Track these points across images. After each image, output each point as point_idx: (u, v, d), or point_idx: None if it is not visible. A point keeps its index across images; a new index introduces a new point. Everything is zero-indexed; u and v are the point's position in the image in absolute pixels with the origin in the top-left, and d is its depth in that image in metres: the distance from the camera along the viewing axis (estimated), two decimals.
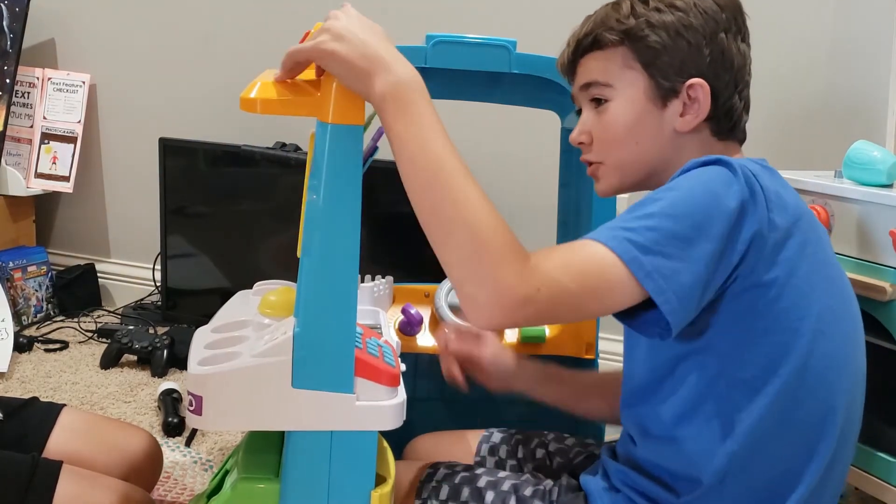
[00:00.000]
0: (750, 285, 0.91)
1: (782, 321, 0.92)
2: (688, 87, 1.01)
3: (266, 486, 1.02)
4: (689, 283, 0.86)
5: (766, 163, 1.03)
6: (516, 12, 2.32)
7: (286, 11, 2.49)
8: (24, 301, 2.57)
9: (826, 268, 0.98)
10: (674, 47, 1.00)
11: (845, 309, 1.01)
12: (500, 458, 1.31)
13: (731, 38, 1.02)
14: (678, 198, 0.89)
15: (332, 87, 0.91)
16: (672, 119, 1.02)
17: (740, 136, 1.07)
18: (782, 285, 0.91)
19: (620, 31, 1.02)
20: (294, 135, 2.34)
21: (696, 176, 0.91)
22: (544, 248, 0.89)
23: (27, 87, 2.67)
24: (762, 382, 0.93)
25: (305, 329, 0.93)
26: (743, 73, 1.04)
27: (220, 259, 2.53)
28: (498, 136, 2.37)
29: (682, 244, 0.86)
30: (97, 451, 1.32)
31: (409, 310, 1.46)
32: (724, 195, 0.89)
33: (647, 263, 0.85)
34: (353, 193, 0.93)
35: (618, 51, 1.03)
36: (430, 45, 1.34)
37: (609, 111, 1.04)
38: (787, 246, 0.92)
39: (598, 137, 1.06)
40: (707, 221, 0.87)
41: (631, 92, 1.03)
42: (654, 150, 1.04)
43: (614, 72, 1.03)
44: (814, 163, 2.01)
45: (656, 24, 1.01)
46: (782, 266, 0.91)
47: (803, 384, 0.93)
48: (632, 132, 1.03)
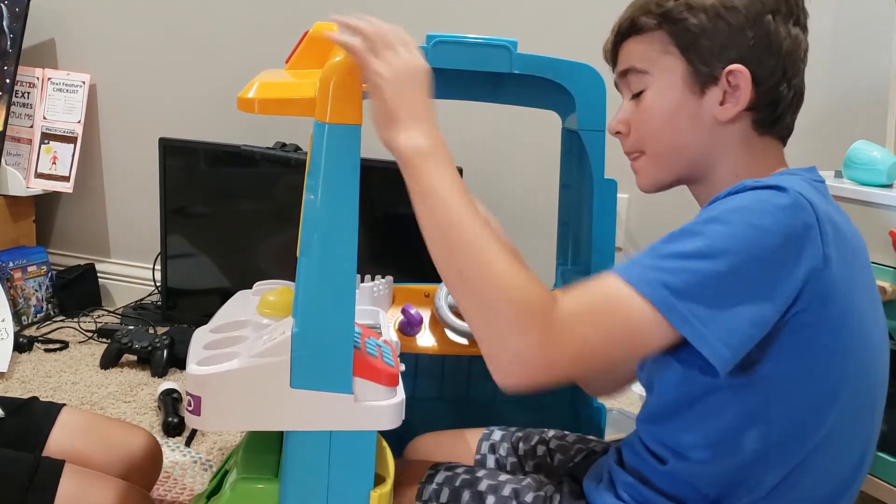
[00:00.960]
0: (804, 324, 0.86)
1: (836, 360, 0.88)
2: (727, 73, 0.95)
3: (265, 486, 1.02)
4: (734, 328, 0.82)
5: (816, 173, 0.98)
6: (517, 12, 2.32)
7: (286, 11, 2.49)
8: (24, 301, 2.57)
9: (866, 294, 0.94)
10: (713, 30, 0.95)
11: (883, 337, 0.97)
12: (500, 456, 1.31)
13: (780, 20, 0.95)
14: (722, 234, 0.83)
15: (329, 87, 0.91)
16: (711, 107, 0.97)
17: (784, 131, 1.01)
18: (839, 324, 0.87)
19: (658, 13, 0.97)
20: (294, 135, 2.34)
21: (742, 207, 0.84)
22: (569, 293, 0.85)
23: (27, 87, 2.67)
24: (810, 426, 0.89)
25: (304, 329, 0.93)
26: (794, 59, 0.97)
27: (220, 259, 2.53)
28: (498, 136, 2.37)
29: (727, 286, 0.82)
30: (97, 450, 1.32)
31: (408, 310, 1.46)
32: (774, 231, 0.83)
33: (682, 309, 0.81)
34: (351, 193, 0.92)
35: (656, 35, 0.98)
36: (430, 45, 1.34)
37: (646, 99, 1.00)
38: (844, 280, 0.87)
39: (636, 127, 1.02)
40: (755, 262, 0.82)
41: (668, 78, 0.98)
42: (693, 140, 0.99)
43: (652, 57, 0.99)
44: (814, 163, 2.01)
45: (696, 5, 0.95)
46: (839, 303, 0.87)
47: (847, 423, 0.91)
48: (669, 121, 0.99)
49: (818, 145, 2.12)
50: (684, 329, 0.82)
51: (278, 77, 1.01)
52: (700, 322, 0.81)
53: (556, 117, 1.49)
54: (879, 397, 0.97)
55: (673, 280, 0.82)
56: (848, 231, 0.92)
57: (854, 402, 0.91)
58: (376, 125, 0.91)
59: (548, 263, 1.65)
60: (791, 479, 0.91)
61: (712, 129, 0.98)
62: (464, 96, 1.48)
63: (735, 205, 0.85)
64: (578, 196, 1.50)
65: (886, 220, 1.43)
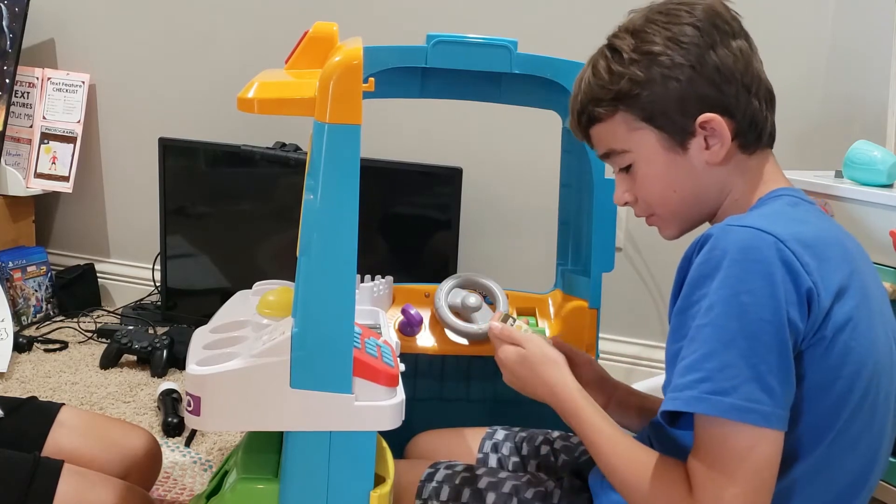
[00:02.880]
0: (807, 349, 0.89)
1: (839, 373, 0.90)
2: (699, 123, 0.97)
3: (265, 486, 1.02)
4: (783, 388, 0.86)
5: (803, 196, 1.01)
6: (517, 12, 2.32)
7: (286, 11, 2.49)
8: (24, 301, 2.57)
9: (871, 307, 0.95)
10: (667, 93, 0.97)
11: (890, 348, 0.98)
12: (502, 456, 1.31)
13: (720, 48, 0.97)
14: (723, 316, 0.86)
15: (329, 87, 0.90)
16: (699, 156, 0.99)
17: (769, 140, 1.02)
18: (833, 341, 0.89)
19: (610, 99, 1.00)
20: (294, 135, 2.34)
21: (727, 279, 0.86)
22: (690, 470, 0.89)
23: (27, 87, 2.67)
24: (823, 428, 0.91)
25: (303, 329, 0.93)
26: (750, 71, 0.99)
27: (220, 259, 2.53)
28: (498, 136, 2.37)
29: (756, 360, 0.85)
30: (96, 449, 1.33)
31: (408, 310, 1.45)
32: (766, 288, 0.85)
33: (740, 403, 0.84)
34: (350, 193, 0.92)
35: (617, 117, 1.01)
36: (430, 45, 1.34)
37: (638, 172, 1.03)
38: (836, 302, 0.89)
39: (640, 196, 1.05)
40: (766, 324, 0.85)
41: (648, 149, 1.00)
42: (696, 189, 1.01)
43: (624, 137, 1.01)
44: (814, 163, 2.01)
45: (640, 79, 0.97)
46: (831, 324, 0.88)
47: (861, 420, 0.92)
48: (666, 184, 1.01)
49: (818, 145, 2.12)
50: (752, 419, 0.84)
51: (278, 77, 1.01)
52: (760, 403, 0.84)
53: (556, 117, 1.49)
54: (888, 420, 0.97)
55: (718, 385, 0.85)
56: (834, 244, 0.94)
57: (865, 401, 0.92)
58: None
59: (548, 263, 1.65)
60: (806, 476, 0.91)
61: (709, 173, 1.00)
62: (464, 96, 1.48)
63: (720, 280, 0.87)
64: (578, 196, 1.50)
65: (886, 220, 1.43)
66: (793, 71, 2.15)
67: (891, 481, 1.47)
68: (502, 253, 2.41)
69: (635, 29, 1.00)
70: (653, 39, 0.97)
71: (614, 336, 2.32)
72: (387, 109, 1.69)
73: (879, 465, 0.98)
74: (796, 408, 0.89)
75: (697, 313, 0.88)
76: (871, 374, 0.92)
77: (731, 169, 1.01)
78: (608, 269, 1.45)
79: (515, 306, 1.52)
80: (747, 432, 0.85)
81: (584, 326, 1.48)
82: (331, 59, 0.93)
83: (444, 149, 2.33)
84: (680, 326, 0.90)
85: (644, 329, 2.31)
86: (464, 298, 1.47)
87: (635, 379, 2.29)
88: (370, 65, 1.08)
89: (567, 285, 1.52)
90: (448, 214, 2.24)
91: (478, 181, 2.31)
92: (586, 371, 1.21)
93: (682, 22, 0.98)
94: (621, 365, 2.35)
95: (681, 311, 0.90)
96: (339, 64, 0.91)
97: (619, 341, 2.34)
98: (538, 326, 1.20)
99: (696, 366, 0.86)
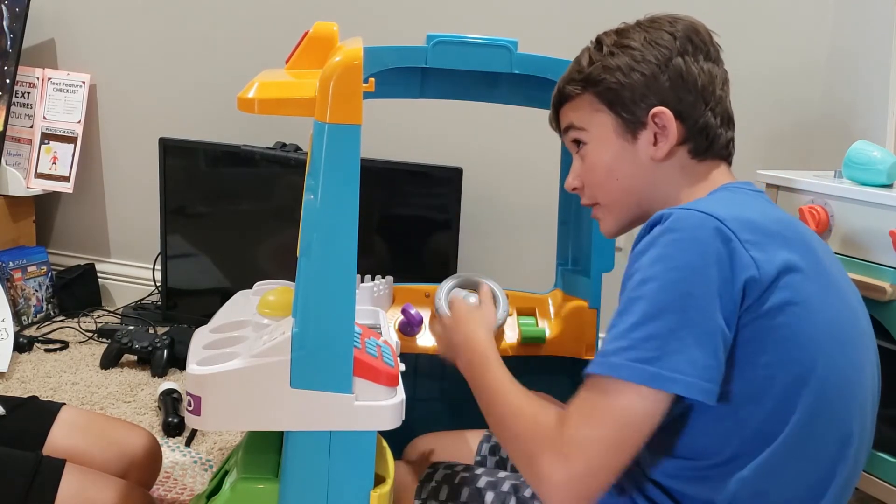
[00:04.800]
0: (753, 320, 0.90)
1: (788, 351, 0.91)
2: (652, 115, 1.04)
3: (265, 486, 1.03)
4: (709, 364, 0.87)
5: (752, 187, 1.05)
6: (517, 12, 2.32)
7: (286, 11, 2.49)
8: (25, 301, 2.57)
9: (828, 289, 0.96)
10: (630, 83, 1.05)
11: (855, 328, 0.99)
12: (501, 458, 1.31)
13: (690, 59, 1.05)
14: (656, 290, 0.89)
15: (329, 87, 0.91)
16: (646, 149, 1.06)
17: (723, 152, 1.08)
18: (780, 314, 0.90)
19: (580, 80, 1.09)
20: (294, 135, 2.35)
21: (661, 257, 0.90)
22: (568, 408, 0.91)
23: (27, 88, 2.67)
24: (776, 421, 0.91)
25: (304, 329, 0.93)
26: (711, 89, 1.06)
27: (220, 259, 2.53)
28: (498, 136, 2.37)
29: (683, 333, 0.87)
30: (96, 448, 1.33)
31: (409, 310, 1.46)
32: (698, 265, 0.89)
33: (664, 371, 0.86)
34: (350, 193, 0.92)
35: (584, 98, 1.09)
36: (430, 45, 1.34)
37: (588, 154, 1.11)
38: (783, 275, 0.91)
39: (586, 181, 1.12)
40: (696, 300, 0.88)
41: (602, 132, 1.08)
42: (638, 182, 1.08)
43: (585, 117, 1.10)
44: (814, 163, 2.01)
45: (611, 66, 1.06)
46: (779, 294, 0.90)
47: (817, 416, 0.92)
48: (611, 169, 1.09)
49: (818, 145, 2.12)
50: (673, 388, 0.87)
51: (278, 77, 1.01)
52: (681, 374, 0.86)
53: None
54: (856, 394, 0.97)
55: (643, 353, 0.87)
56: (784, 225, 0.97)
57: (812, 412, 0.92)
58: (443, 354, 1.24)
59: (548, 263, 1.66)
60: (756, 481, 0.91)
61: (653, 168, 1.07)
62: (464, 96, 1.48)
63: (655, 255, 0.91)
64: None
65: (886, 220, 1.43)
66: (793, 71, 2.16)
67: (891, 481, 1.47)
68: (502, 253, 2.42)
69: (621, 29, 1.10)
70: (632, 37, 1.07)
71: None
72: (387, 109, 1.69)
73: (855, 450, 0.97)
74: (755, 388, 0.91)
75: (631, 286, 0.92)
76: (832, 352, 0.93)
77: (677, 170, 1.06)
78: (608, 269, 1.45)
79: (515, 306, 1.52)
80: (640, 391, 0.87)
81: (584, 326, 1.48)
82: (331, 59, 0.93)
83: (444, 149, 2.33)
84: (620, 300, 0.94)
85: None
86: (464, 298, 1.47)
87: None
88: (370, 65, 1.08)
89: (567, 285, 1.52)
90: (448, 214, 2.24)
91: (478, 181, 2.32)
92: None
93: (662, 29, 1.07)
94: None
95: (623, 284, 0.94)
96: (340, 64, 0.91)
97: None
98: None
99: (624, 334, 0.89)
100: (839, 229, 1.52)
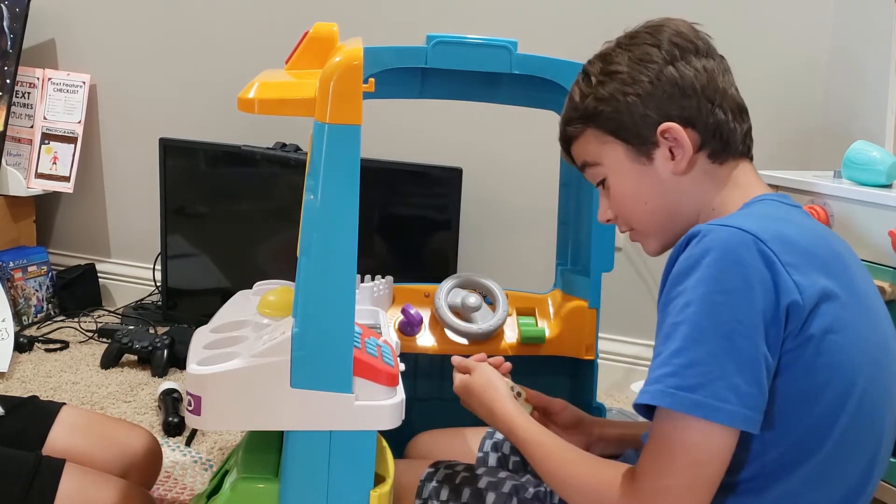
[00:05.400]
0: (793, 349, 0.89)
1: (827, 379, 0.90)
2: (661, 132, 1.02)
3: (265, 485, 1.03)
4: (752, 392, 0.86)
5: (788, 200, 1.02)
6: (517, 12, 2.32)
7: (286, 11, 2.50)
8: (25, 301, 2.57)
9: (864, 313, 0.95)
10: (628, 107, 1.03)
11: (886, 352, 0.97)
12: (503, 455, 1.31)
13: (681, 64, 1.03)
14: (697, 314, 0.87)
15: (329, 87, 0.91)
16: (665, 166, 1.03)
17: (741, 147, 1.05)
18: (821, 340, 0.89)
19: (578, 118, 1.08)
20: (294, 135, 2.35)
21: (704, 277, 0.88)
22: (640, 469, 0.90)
23: (27, 88, 2.67)
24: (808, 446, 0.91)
25: (304, 329, 0.93)
26: (713, 86, 1.03)
27: (220, 259, 2.53)
28: (498, 136, 2.37)
29: (725, 359, 0.85)
30: (97, 447, 1.33)
31: (408, 310, 1.46)
32: (743, 287, 0.87)
33: (707, 399, 0.85)
34: (350, 193, 0.92)
35: (588, 134, 1.08)
36: (430, 46, 1.34)
37: (611, 186, 1.08)
38: (822, 302, 0.89)
39: (616, 211, 1.10)
40: (739, 325, 0.86)
41: (616, 162, 1.06)
42: (665, 200, 1.05)
43: (596, 151, 1.08)
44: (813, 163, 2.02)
45: (604, 96, 1.04)
46: (819, 321, 0.89)
47: (849, 439, 0.91)
48: (637, 196, 1.06)
49: (818, 145, 2.13)
50: (716, 417, 0.85)
51: (278, 77, 1.01)
52: (724, 402, 0.85)
53: (555, 117, 1.49)
54: (885, 417, 0.96)
55: (684, 380, 0.86)
56: (820, 244, 0.95)
57: (853, 424, 0.91)
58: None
59: (548, 263, 1.66)
60: (807, 483, 0.91)
61: (677, 183, 1.04)
62: (464, 96, 1.48)
63: (698, 277, 0.89)
64: (578, 196, 1.50)
65: (885, 221, 1.44)
66: (793, 71, 2.16)
67: (891, 481, 1.47)
68: (502, 253, 2.42)
69: (604, 53, 1.08)
70: (617, 61, 1.05)
71: (614, 336, 2.32)
72: (387, 109, 1.69)
73: (879, 468, 0.97)
74: (788, 413, 0.89)
75: (674, 310, 0.89)
76: (868, 376, 0.92)
77: (701, 178, 1.04)
78: (608, 269, 1.45)
79: (515, 306, 1.52)
80: (699, 427, 0.86)
81: (583, 326, 1.48)
82: (331, 59, 0.93)
83: (444, 149, 2.33)
84: (660, 323, 0.92)
85: (644, 329, 2.31)
86: (464, 298, 1.47)
87: (635, 379, 2.29)
88: (370, 65, 1.08)
89: (567, 285, 1.53)
90: (448, 214, 2.24)
91: (478, 181, 2.32)
92: (564, 416, 1.26)
93: (645, 43, 1.04)
94: (621, 365, 2.35)
95: (662, 307, 0.92)
96: (340, 64, 0.91)
97: (619, 341, 2.34)
98: (524, 399, 1.22)
99: (667, 361, 0.88)
100: (839, 229, 1.52)
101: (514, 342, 1.48)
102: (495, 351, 1.45)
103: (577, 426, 1.26)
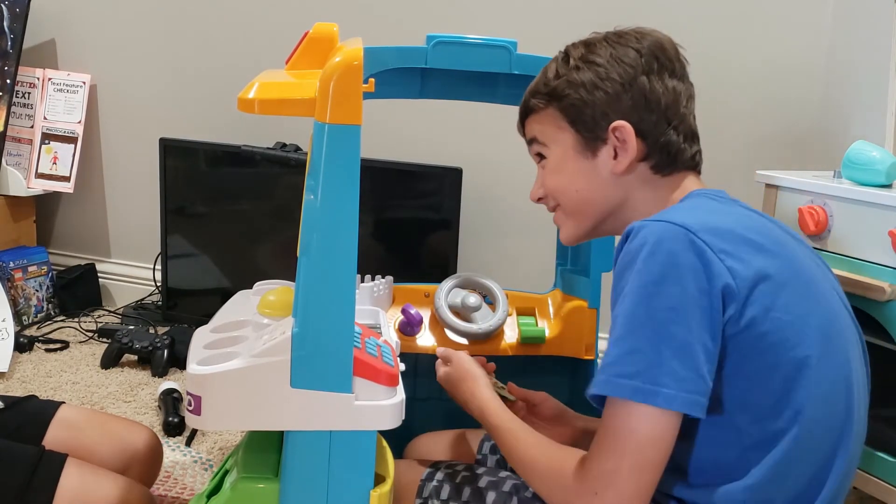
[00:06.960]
0: (736, 332, 0.91)
1: (777, 356, 0.92)
2: (612, 129, 1.05)
3: (266, 485, 1.03)
4: (697, 377, 0.89)
5: (723, 195, 1.05)
6: (517, 12, 2.32)
7: (286, 11, 2.50)
8: (25, 301, 2.58)
9: (807, 290, 0.97)
10: (593, 100, 1.06)
11: (833, 326, 0.99)
12: (501, 457, 1.31)
13: (655, 78, 1.05)
14: (633, 305, 0.91)
15: (329, 87, 0.91)
16: (606, 163, 1.07)
17: (689, 163, 1.08)
18: (763, 321, 0.91)
19: (545, 93, 1.10)
20: (294, 135, 2.35)
21: (640, 270, 0.92)
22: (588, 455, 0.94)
23: (27, 88, 2.67)
24: (774, 427, 0.92)
25: (304, 329, 0.93)
26: (675, 108, 1.06)
27: (220, 259, 2.53)
28: (498, 136, 2.37)
29: (662, 346, 0.88)
30: (97, 442, 1.33)
31: (408, 310, 1.46)
32: (674, 278, 0.90)
33: (645, 385, 0.88)
34: (350, 193, 0.93)
35: (548, 112, 1.11)
36: (430, 46, 1.34)
37: (548, 166, 1.13)
38: (759, 282, 0.92)
39: (549, 191, 1.14)
40: (672, 313, 0.89)
41: (562, 150, 1.10)
42: (599, 194, 1.09)
43: (548, 133, 1.11)
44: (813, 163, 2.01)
45: (575, 81, 1.07)
46: (758, 302, 0.91)
47: (813, 414, 0.93)
48: (570, 182, 1.10)
49: (818, 146, 2.13)
50: (656, 401, 0.88)
51: (278, 77, 1.01)
52: (663, 387, 0.88)
53: None
54: (850, 387, 0.98)
55: (623, 368, 0.90)
56: (757, 231, 0.97)
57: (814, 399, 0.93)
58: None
59: (548, 263, 1.66)
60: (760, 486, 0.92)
61: (613, 182, 1.08)
62: (464, 97, 1.48)
63: (635, 270, 0.92)
64: None
65: (885, 220, 1.43)
66: (792, 71, 2.16)
67: (890, 481, 1.47)
68: (502, 253, 2.42)
69: (589, 42, 1.10)
70: (599, 53, 1.08)
71: None
72: (387, 109, 1.69)
73: (846, 448, 0.97)
74: (749, 395, 0.92)
75: (618, 303, 0.94)
76: (820, 350, 0.94)
77: (638, 183, 1.07)
78: (608, 269, 1.46)
79: (515, 306, 1.52)
80: (641, 412, 0.89)
81: (583, 326, 1.49)
82: (331, 59, 0.93)
83: (444, 149, 2.33)
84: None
85: None
86: (464, 298, 1.47)
87: None
88: (370, 65, 1.08)
89: (567, 285, 1.53)
90: (448, 214, 2.24)
91: (478, 181, 2.32)
92: (545, 407, 1.29)
93: (628, 45, 1.07)
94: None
95: (612, 303, 0.96)
96: (340, 64, 0.91)
97: None
98: (507, 390, 1.25)
99: (609, 351, 0.92)
100: (838, 229, 1.52)
101: (514, 342, 1.48)
102: (495, 351, 1.45)
103: (560, 418, 1.29)
